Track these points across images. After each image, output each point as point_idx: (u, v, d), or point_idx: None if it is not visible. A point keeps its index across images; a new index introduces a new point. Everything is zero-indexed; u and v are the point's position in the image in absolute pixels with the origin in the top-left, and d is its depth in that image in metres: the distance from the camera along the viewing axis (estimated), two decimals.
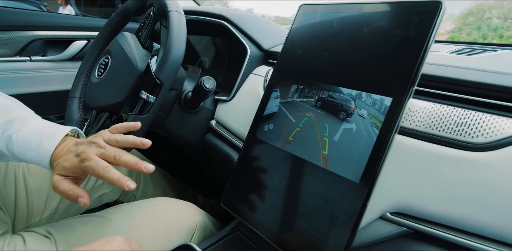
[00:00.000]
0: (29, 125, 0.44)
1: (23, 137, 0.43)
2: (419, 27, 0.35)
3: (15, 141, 0.43)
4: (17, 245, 0.44)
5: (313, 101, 0.44)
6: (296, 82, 0.47)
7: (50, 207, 0.61)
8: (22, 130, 0.44)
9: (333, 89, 0.42)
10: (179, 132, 0.66)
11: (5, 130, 0.44)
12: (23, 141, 0.43)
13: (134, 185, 0.38)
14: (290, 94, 0.47)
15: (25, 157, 0.44)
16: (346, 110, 0.39)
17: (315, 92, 0.44)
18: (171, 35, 0.49)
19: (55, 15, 0.89)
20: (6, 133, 0.43)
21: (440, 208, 0.35)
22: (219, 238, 0.55)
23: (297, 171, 0.43)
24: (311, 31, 0.47)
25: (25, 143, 0.43)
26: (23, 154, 0.44)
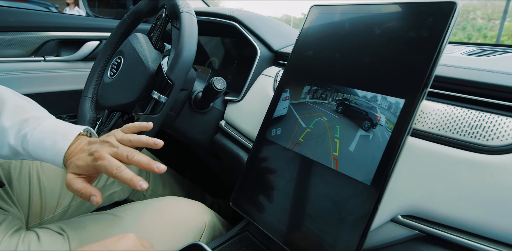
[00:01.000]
0: (43, 125, 0.46)
1: (38, 136, 0.44)
2: (433, 28, 0.35)
3: (30, 140, 0.44)
4: (32, 241, 0.45)
5: (327, 103, 0.43)
6: (308, 83, 0.47)
7: (62, 205, 0.62)
8: (37, 129, 0.45)
9: (348, 91, 0.41)
10: (189, 132, 0.66)
11: (20, 129, 0.45)
12: (37, 140, 0.44)
13: (146, 185, 0.38)
14: (302, 95, 0.47)
15: (40, 155, 0.45)
16: (371, 119, 0.38)
17: (329, 94, 0.43)
18: (183, 36, 0.50)
19: (69, 16, 0.91)
20: (21, 132, 0.45)
21: (453, 211, 0.34)
22: (228, 238, 0.55)
23: (307, 172, 0.43)
24: (323, 32, 0.47)
25: (39, 142, 0.44)
26: (38, 152, 0.45)
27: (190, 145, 0.90)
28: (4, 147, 0.46)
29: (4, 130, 0.45)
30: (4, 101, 0.47)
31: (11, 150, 0.46)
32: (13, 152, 0.46)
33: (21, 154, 0.47)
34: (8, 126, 0.45)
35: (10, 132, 0.45)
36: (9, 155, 0.47)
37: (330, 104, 0.43)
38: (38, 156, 0.45)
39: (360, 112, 0.39)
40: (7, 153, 0.47)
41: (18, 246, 0.44)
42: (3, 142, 0.45)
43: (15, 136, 0.45)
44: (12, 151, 0.46)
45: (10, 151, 0.46)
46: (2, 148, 0.46)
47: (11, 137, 0.45)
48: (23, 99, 0.51)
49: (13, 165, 0.60)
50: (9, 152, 0.46)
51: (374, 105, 0.38)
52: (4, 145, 0.46)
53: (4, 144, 0.46)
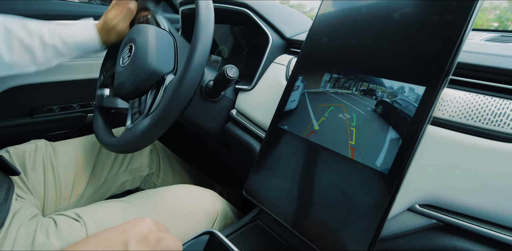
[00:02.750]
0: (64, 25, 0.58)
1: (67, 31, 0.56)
2: (456, 12, 0.34)
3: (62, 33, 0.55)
4: (50, 228, 0.46)
5: (350, 93, 0.42)
6: (328, 71, 0.45)
7: (77, 193, 0.63)
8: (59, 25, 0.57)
9: (373, 81, 0.40)
10: (200, 121, 0.66)
11: (50, 28, 0.55)
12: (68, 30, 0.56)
13: None
14: (322, 83, 0.45)
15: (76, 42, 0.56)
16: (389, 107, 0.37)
17: (352, 83, 0.42)
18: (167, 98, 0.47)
19: (77, 4, 0.90)
20: (54, 35, 0.55)
21: (473, 201, 0.34)
22: (240, 226, 0.55)
23: (322, 161, 0.43)
24: (339, 18, 0.45)
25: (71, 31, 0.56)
26: (74, 39, 0.56)
27: (200, 134, 0.90)
28: (46, 50, 0.54)
29: (39, 35, 0.53)
30: (25, 23, 0.54)
31: (53, 50, 0.54)
32: (54, 52, 0.55)
33: (61, 53, 0.55)
34: (38, 30, 0.54)
35: (44, 34, 0.53)
36: (50, 57, 0.55)
37: (353, 95, 0.42)
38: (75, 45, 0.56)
39: (378, 100, 0.38)
40: (49, 56, 0.55)
41: (36, 232, 0.45)
42: (43, 48, 0.53)
43: (50, 36, 0.54)
44: (53, 50, 0.54)
45: (51, 52, 0.55)
46: (44, 52, 0.54)
47: (47, 38, 0.53)
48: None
49: (27, 153, 0.61)
50: (50, 53, 0.55)
51: (393, 92, 0.37)
52: (45, 49, 0.54)
53: (45, 48, 0.54)
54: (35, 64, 0.55)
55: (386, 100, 0.38)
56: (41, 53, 0.54)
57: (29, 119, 0.82)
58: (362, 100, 0.40)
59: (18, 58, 0.52)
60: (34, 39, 0.53)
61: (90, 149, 0.69)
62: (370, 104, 0.39)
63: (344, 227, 0.38)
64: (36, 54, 0.53)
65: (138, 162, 0.76)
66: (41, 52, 0.54)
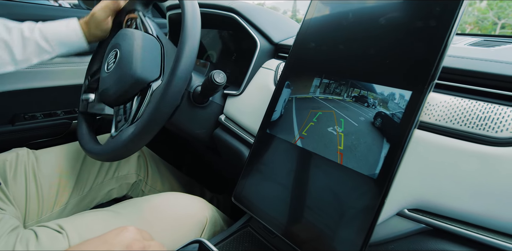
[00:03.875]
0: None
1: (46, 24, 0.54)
2: (440, 17, 0.34)
3: (42, 27, 0.52)
4: (30, 240, 0.44)
5: (341, 100, 0.41)
6: (317, 75, 0.45)
7: (60, 202, 0.61)
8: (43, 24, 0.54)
9: (365, 87, 0.39)
10: (188, 127, 0.65)
11: (30, 24, 0.52)
12: (48, 24, 0.53)
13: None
14: (312, 88, 0.45)
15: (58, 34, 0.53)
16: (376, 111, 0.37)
17: (343, 89, 0.41)
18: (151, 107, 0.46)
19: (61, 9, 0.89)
20: (32, 25, 0.52)
21: (461, 205, 0.34)
22: (230, 234, 0.54)
23: (311, 166, 0.42)
24: (326, 22, 0.45)
25: (51, 25, 0.54)
26: (55, 30, 0.53)
27: (189, 140, 0.89)
28: (26, 45, 0.51)
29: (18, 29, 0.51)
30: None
31: (34, 45, 0.51)
32: (35, 48, 0.51)
33: (42, 48, 0.52)
34: (17, 25, 0.51)
35: (23, 28, 0.51)
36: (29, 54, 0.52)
37: (345, 101, 0.41)
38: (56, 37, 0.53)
39: (366, 104, 0.38)
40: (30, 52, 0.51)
41: (16, 245, 0.43)
42: (22, 39, 0.50)
43: (29, 29, 0.51)
44: (34, 46, 0.51)
45: (32, 48, 0.51)
46: (24, 47, 0.51)
47: (25, 32, 0.51)
48: None
49: (8, 163, 0.58)
50: (31, 48, 0.51)
51: (383, 99, 0.37)
52: (25, 42, 0.50)
53: (24, 41, 0.50)
54: (14, 62, 0.51)
55: (374, 105, 0.37)
56: (20, 48, 0.50)
57: (10, 127, 0.80)
58: (352, 107, 0.40)
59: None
60: (13, 33, 0.49)
61: (74, 156, 0.67)
62: (359, 110, 0.39)
63: (334, 232, 0.37)
64: (14, 50, 0.49)
65: (125, 169, 0.74)
66: (20, 47, 0.50)
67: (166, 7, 0.83)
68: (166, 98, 0.44)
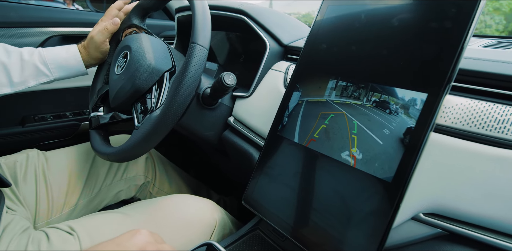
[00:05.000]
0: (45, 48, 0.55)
1: (48, 49, 0.53)
2: (456, 19, 0.34)
3: (42, 51, 0.52)
4: (41, 242, 0.44)
5: (360, 105, 0.40)
6: (334, 77, 0.44)
7: (69, 204, 0.62)
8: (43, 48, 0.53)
9: (387, 91, 0.37)
10: (197, 128, 0.65)
11: (30, 49, 0.52)
12: (49, 49, 0.53)
13: None
14: (327, 90, 0.44)
15: (57, 58, 0.53)
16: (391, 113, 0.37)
17: (362, 93, 0.40)
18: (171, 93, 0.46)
19: (71, 12, 0.89)
20: (32, 50, 0.52)
21: (478, 209, 0.33)
22: (239, 237, 0.54)
23: (323, 169, 0.42)
24: (338, 24, 0.45)
25: (51, 50, 0.53)
26: (54, 55, 0.53)
27: (197, 142, 0.88)
28: (24, 68, 0.50)
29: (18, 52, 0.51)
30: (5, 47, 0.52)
31: (32, 68, 0.51)
32: (33, 70, 0.51)
33: (41, 71, 0.52)
34: (18, 49, 0.52)
35: (23, 52, 0.51)
36: (27, 77, 0.51)
37: (364, 106, 0.39)
38: (56, 61, 0.53)
39: (388, 111, 0.37)
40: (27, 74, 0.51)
41: (27, 247, 0.43)
42: (20, 62, 0.50)
43: (28, 53, 0.52)
44: (32, 68, 0.51)
45: (30, 70, 0.51)
46: (22, 70, 0.50)
47: (25, 55, 0.51)
48: None
49: (19, 164, 0.59)
50: (29, 71, 0.51)
51: (400, 102, 0.36)
52: (23, 64, 0.50)
53: (23, 63, 0.50)
54: (11, 84, 0.50)
55: (397, 112, 0.37)
56: (18, 70, 0.50)
57: (20, 128, 0.80)
58: (373, 114, 0.38)
59: None
60: (12, 56, 0.50)
61: (84, 157, 0.67)
62: (379, 116, 0.38)
63: (347, 237, 0.37)
64: (12, 73, 0.49)
65: (133, 170, 0.74)
66: (18, 69, 0.50)
67: (175, 9, 0.84)
68: (186, 80, 0.45)
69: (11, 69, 0.49)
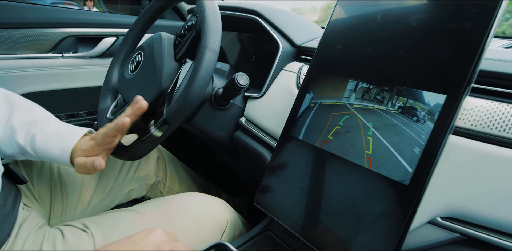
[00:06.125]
0: (51, 126, 0.49)
1: (46, 135, 0.47)
2: (477, 19, 0.33)
3: (38, 139, 0.47)
4: (56, 239, 0.45)
5: (383, 111, 0.38)
6: (354, 78, 0.43)
7: (83, 202, 0.62)
8: (45, 129, 0.48)
9: (413, 94, 0.36)
10: (208, 128, 0.65)
11: (29, 129, 0.47)
12: (45, 138, 0.47)
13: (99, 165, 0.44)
14: (346, 92, 0.43)
15: (46, 154, 0.47)
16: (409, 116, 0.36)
17: (386, 96, 0.39)
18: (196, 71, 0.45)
19: (86, 12, 0.91)
20: (30, 132, 0.47)
21: (498, 213, 0.32)
22: (250, 237, 0.54)
23: (337, 171, 0.42)
24: (353, 25, 0.45)
25: (47, 140, 0.47)
26: (45, 150, 0.47)
27: (208, 142, 0.89)
28: (11, 146, 0.48)
29: (13, 130, 0.47)
30: (13, 103, 0.49)
31: (19, 149, 0.48)
32: (20, 151, 0.48)
33: (28, 153, 0.48)
34: (17, 126, 0.47)
35: (19, 132, 0.47)
36: (15, 154, 0.49)
37: (388, 112, 0.38)
38: (44, 154, 0.47)
39: (415, 119, 0.36)
40: (13, 152, 0.48)
41: (43, 243, 0.44)
42: (11, 141, 0.47)
43: (25, 135, 0.47)
44: (19, 150, 0.48)
45: (17, 150, 0.48)
46: (9, 147, 0.48)
47: (20, 137, 0.47)
48: (30, 102, 0.53)
49: (34, 162, 0.60)
50: (16, 151, 0.48)
51: (426, 108, 0.35)
52: (12, 144, 0.47)
53: (12, 143, 0.47)
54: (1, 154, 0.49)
55: (424, 120, 0.36)
56: (6, 148, 0.47)
57: None
58: (396, 121, 0.37)
59: None
60: (6, 132, 0.47)
61: None
62: (386, 114, 0.38)
63: (360, 240, 0.36)
64: (1, 147, 0.48)
65: (145, 169, 0.75)
66: (6, 147, 0.47)
67: (188, 10, 0.84)
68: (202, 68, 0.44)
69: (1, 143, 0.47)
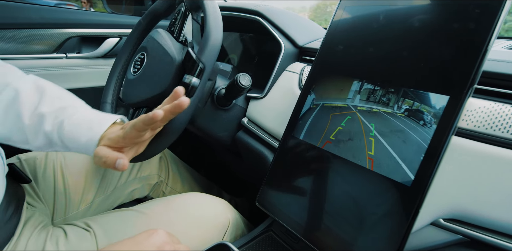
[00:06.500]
0: (81, 113, 0.45)
1: (74, 122, 0.44)
2: (480, 20, 0.33)
3: (66, 126, 0.43)
4: (60, 237, 0.45)
5: (389, 113, 0.37)
6: (358, 79, 0.42)
7: (86, 201, 0.63)
8: (74, 116, 0.44)
9: (419, 97, 0.35)
10: (211, 129, 0.65)
11: (57, 116, 0.44)
12: (73, 126, 0.44)
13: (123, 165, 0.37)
14: (350, 93, 0.43)
15: (73, 142, 0.44)
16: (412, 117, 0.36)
17: (392, 98, 0.38)
18: (209, 20, 0.49)
19: (90, 13, 0.91)
20: (58, 118, 0.44)
21: (501, 215, 0.32)
22: (252, 238, 0.54)
23: (339, 171, 0.41)
24: (356, 25, 0.45)
25: (75, 128, 0.43)
26: (72, 138, 0.44)
27: (210, 143, 0.89)
28: (39, 136, 0.45)
29: (41, 117, 0.44)
30: (44, 90, 0.46)
31: (46, 139, 0.45)
32: (47, 141, 0.45)
33: (55, 143, 0.45)
34: (46, 113, 0.44)
35: (47, 119, 0.44)
36: (42, 145, 0.46)
37: (393, 115, 0.37)
38: (71, 143, 0.44)
39: (422, 123, 0.35)
40: (40, 142, 0.46)
41: (46, 242, 0.44)
42: (38, 130, 0.45)
43: (52, 122, 0.44)
44: (46, 140, 0.45)
45: (44, 140, 0.45)
46: (37, 137, 0.45)
47: (47, 124, 0.44)
48: (61, 89, 0.50)
49: (38, 161, 0.60)
50: (43, 141, 0.45)
51: (433, 111, 0.35)
52: (40, 133, 0.45)
53: (40, 133, 0.45)
54: (28, 144, 0.46)
55: (431, 124, 0.36)
56: (33, 136, 0.45)
57: None
58: (402, 124, 0.36)
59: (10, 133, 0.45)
60: (33, 120, 0.44)
61: None
62: (391, 116, 0.38)
63: (362, 240, 0.36)
64: (28, 136, 0.45)
65: (147, 169, 0.75)
66: (33, 136, 0.45)
67: None
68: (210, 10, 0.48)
69: (28, 132, 0.45)
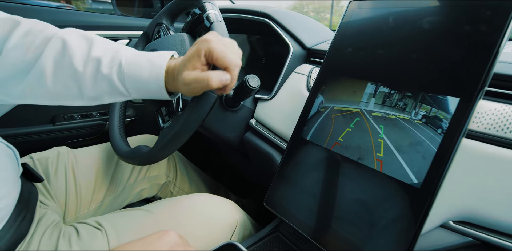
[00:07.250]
0: (135, 52, 0.43)
1: (133, 60, 0.41)
2: (491, 22, 0.33)
3: (125, 65, 0.41)
4: (72, 236, 0.46)
5: (407, 120, 0.36)
6: (373, 82, 0.41)
7: (96, 200, 0.64)
8: (129, 55, 0.42)
9: (438, 102, 0.34)
10: (219, 130, 0.66)
11: (113, 57, 0.41)
12: (133, 63, 0.41)
13: None
14: (365, 96, 0.42)
15: (135, 81, 0.41)
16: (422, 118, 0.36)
17: (409, 102, 0.37)
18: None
19: (99, 15, 0.93)
20: (114, 59, 0.41)
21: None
22: (260, 238, 0.54)
23: (347, 173, 0.42)
24: (365, 28, 0.45)
25: (135, 65, 0.41)
26: (134, 74, 0.41)
27: (218, 144, 0.90)
28: (96, 82, 0.41)
29: (97, 61, 0.40)
30: (91, 37, 0.42)
31: (104, 83, 0.41)
32: (105, 86, 0.41)
33: (115, 86, 0.41)
34: (100, 56, 0.41)
35: (103, 62, 0.41)
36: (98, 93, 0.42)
37: (411, 123, 0.36)
38: (132, 83, 0.41)
39: (440, 131, 0.34)
40: (97, 91, 0.42)
41: (59, 241, 0.45)
42: (95, 76, 0.41)
43: (109, 64, 0.41)
44: (104, 84, 0.41)
45: (101, 86, 0.41)
46: (94, 84, 0.41)
47: (104, 66, 0.40)
48: None
49: (50, 160, 0.62)
50: (100, 87, 0.41)
51: (449, 117, 0.34)
52: (97, 79, 0.41)
53: (97, 78, 0.41)
54: (83, 97, 0.43)
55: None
56: (91, 84, 0.41)
57: (51, 126, 0.84)
58: (417, 131, 0.36)
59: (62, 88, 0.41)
60: (89, 66, 0.40)
61: (109, 156, 0.69)
62: (399, 116, 0.38)
63: (371, 242, 0.36)
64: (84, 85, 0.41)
65: (155, 170, 0.76)
66: (91, 83, 0.41)
67: None
68: None
69: (83, 81, 0.41)
